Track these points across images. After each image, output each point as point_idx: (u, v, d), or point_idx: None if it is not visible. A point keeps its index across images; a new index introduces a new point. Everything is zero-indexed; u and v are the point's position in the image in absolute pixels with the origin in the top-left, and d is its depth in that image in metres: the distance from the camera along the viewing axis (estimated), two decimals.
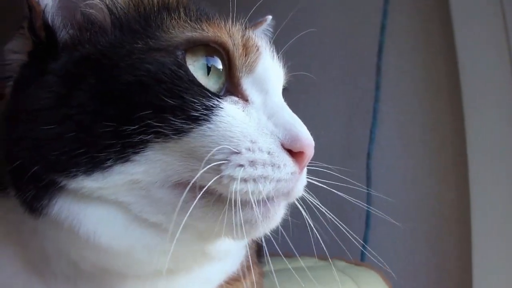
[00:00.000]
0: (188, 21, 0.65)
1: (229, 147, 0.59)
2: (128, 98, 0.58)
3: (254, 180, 0.59)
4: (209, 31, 0.64)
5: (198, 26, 0.64)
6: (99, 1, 0.65)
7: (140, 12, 0.66)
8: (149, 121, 0.57)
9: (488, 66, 1.43)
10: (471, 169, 1.43)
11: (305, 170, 0.69)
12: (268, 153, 0.61)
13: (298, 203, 0.72)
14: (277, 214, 0.65)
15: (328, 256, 1.31)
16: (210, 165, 0.57)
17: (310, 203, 0.76)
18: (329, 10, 1.81)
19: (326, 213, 0.79)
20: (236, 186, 0.58)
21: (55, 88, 0.60)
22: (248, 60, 0.67)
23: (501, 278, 1.37)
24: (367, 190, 1.61)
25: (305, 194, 0.73)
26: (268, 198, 0.61)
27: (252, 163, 0.59)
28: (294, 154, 0.63)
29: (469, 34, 1.47)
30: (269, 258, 0.73)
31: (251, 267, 0.85)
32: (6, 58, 0.67)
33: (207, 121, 0.59)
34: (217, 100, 0.61)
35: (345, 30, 1.78)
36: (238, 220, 0.59)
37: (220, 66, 0.64)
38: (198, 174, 0.57)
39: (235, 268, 0.82)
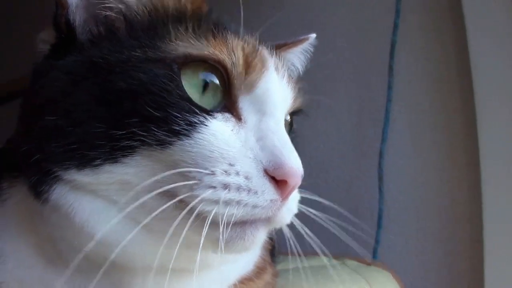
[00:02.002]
0: (193, 36, 0.66)
1: (205, 166, 0.60)
2: (119, 104, 0.61)
3: (226, 202, 0.59)
4: (209, 48, 0.64)
5: (201, 41, 0.65)
6: (116, 5, 0.68)
7: (152, 19, 0.68)
8: (134, 129, 0.59)
9: (501, 65, 1.42)
10: (483, 168, 1.43)
11: (294, 197, 0.68)
12: (246, 177, 0.61)
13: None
14: (255, 237, 0.64)
15: (340, 256, 1.33)
16: (184, 182, 0.59)
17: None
18: (342, 10, 1.81)
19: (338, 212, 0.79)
20: (205, 207, 0.59)
21: (61, 83, 0.64)
22: (248, 79, 0.67)
23: None
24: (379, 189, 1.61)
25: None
26: (244, 221, 0.62)
27: (225, 186, 0.59)
28: (278, 181, 0.62)
29: (481, 33, 1.46)
30: (290, 256, 0.74)
31: (265, 268, 0.86)
32: (39, 47, 0.72)
33: (188, 136, 0.60)
34: (204, 117, 0.62)
35: (357, 30, 1.77)
36: (212, 237, 0.60)
37: (217, 82, 0.65)
38: (172, 185, 0.59)
39: (248, 268, 0.83)
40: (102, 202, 0.63)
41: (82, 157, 0.61)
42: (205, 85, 0.64)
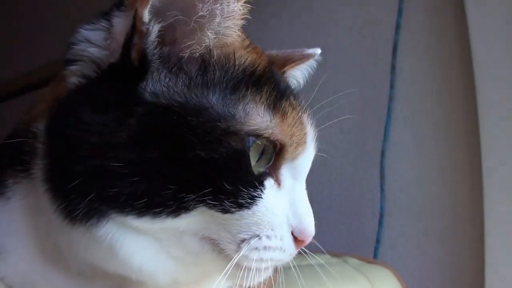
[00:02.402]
0: (265, 108, 0.68)
1: (254, 232, 0.67)
2: (195, 172, 0.63)
3: (262, 259, 0.69)
4: (278, 128, 0.68)
5: (271, 118, 0.68)
6: (198, 47, 0.66)
7: (228, 74, 0.68)
8: (205, 198, 0.63)
9: (504, 65, 1.42)
10: (484, 168, 1.43)
11: None
12: (281, 239, 0.70)
13: None
14: (267, 274, 0.74)
15: (342, 254, 1.33)
16: (234, 240, 0.67)
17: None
18: (344, 9, 1.81)
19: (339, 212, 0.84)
20: (245, 262, 0.68)
21: (133, 132, 0.62)
22: (295, 153, 0.72)
23: None
24: (381, 187, 1.61)
25: None
26: None
27: (267, 248, 0.68)
28: (296, 239, 0.72)
29: (484, 33, 1.46)
30: None
31: None
32: (76, 40, 0.67)
33: (248, 208, 0.66)
34: (261, 190, 0.67)
35: (360, 29, 1.77)
36: (238, 275, 0.69)
37: (272, 151, 0.69)
38: (219, 237, 0.68)
39: None
40: (145, 239, 0.67)
41: (144, 208, 0.62)
42: (263, 150, 0.68)
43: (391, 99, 1.64)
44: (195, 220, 0.65)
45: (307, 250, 0.78)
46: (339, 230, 1.74)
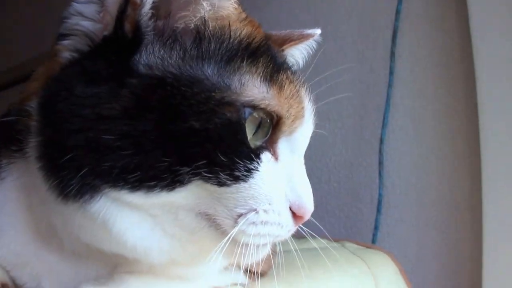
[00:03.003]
0: (262, 80, 0.67)
1: (251, 206, 0.66)
2: (190, 144, 0.62)
3: (260, 234, 0.68)
4: (275, 100, 0.67)
5: (268, 89, 0.67)
6: (193, 18, 0.66)
7: (223, 46, 0.68)
8: (200, 170, 0.62)
9: (504, 52, 1.41)
10: (483, 155, 1.42)
11: None
12: (278, 214, 0.69)
13: None
14: (265, 252, 0.74)
15: (339, 239, 1.33)
16: (228, 214, 0.66)
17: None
18: None
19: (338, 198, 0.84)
20: (242, 237, 0.67)
21: (127, 104, 0.61)
22: (292, 126, 0.71)
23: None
24: (379, 174, 1.62)
25: None
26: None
27: (264, 222, 0.68)
28: (295, 215, 0.71)
29: (484, 20, 1.46)
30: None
31: None
32: (69, 14, 0.67)
33: (244, 181, 0.65)
34: (257, 163, 0.66)
35: (359, 15, 1.77)
36: (235, 251, 0.68)
37: (269, 122, 0.68)
38: (216, 212, 0.67)
39: None
40: (140, 215, 0.66)
41: (138, 182, 0.62)
42: (259, 122, 0.67)
43: (390, 85, 1.63)
44: (191, 195, 0.64)
45: (305, 229, 0.78)
46: (337, 217, 1.74)
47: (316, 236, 0.87)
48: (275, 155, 0.70)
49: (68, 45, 0.67)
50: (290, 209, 0.71)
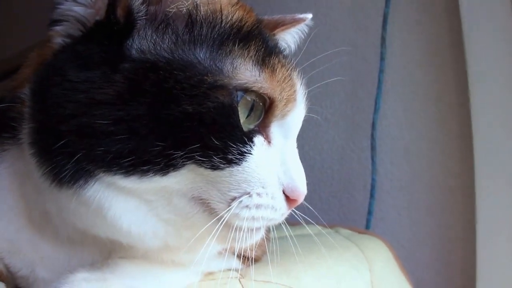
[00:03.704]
0: (254, 63, 0.67)
1: (244, 189, 0.67)
2: (183, 127, 0.62)
3: (253, 218, 0.68)
4: (267, 83, 0.67)
5: (260, 72, 0.67)
6: (185, 2, 0.66)
7: (215, 30, 0.67)
8: (194, 154, 0.62)
9: (494, 36, 1.42)
10: (475, 140, 1.43)
11: None
12: (272, 197, 0.69)
13: None
14: (259, 235, 0.74)
15: (333, 225, 1.34)
16: (224, 199, 0.66)
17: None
18: None
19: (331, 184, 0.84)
20: (236, 220, 0.67)
21: (120, 89, 0.62)
22: (284, 109, 0.71)
23: (505, 248, 1.38)
24: (372, 160, 1.62)
25: None
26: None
27: (257, 206, 0.68)
28: (288, 198, 0.71)
29: (474, 4, 1.46)
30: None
31: None
32: (62, 0, 0.67)
33: (237, 164, 0.65)
34: (250, 146, 0.66)
35: (350, 1, 1.77)
36: (229, 236, 0.68)
37: (262, 105, 0.68)
38: (209, 197, 0.67)
39: None
40: (134, 201, 0.66)
41: (131, 167, 0.62)
42: (252, 105, 0.67)
43: (382, 71, 1.64)
44: (184, 179, 0.64)
45: (299, 213, 0.78)
46: (330, 203, 1.75)
47: (311, 221, 0.88)
48: (268, 138, 0.70)
49: (61, 31, 0.67)
50: (284, 192, 0.71)
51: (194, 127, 0.62)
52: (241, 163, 0.66)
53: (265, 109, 0.69)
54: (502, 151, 1.38)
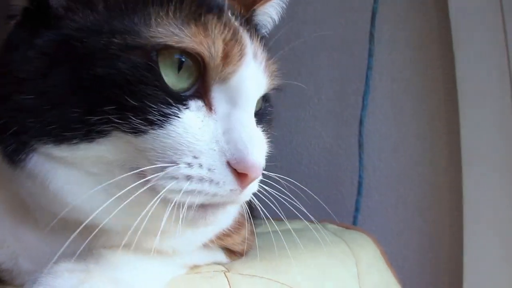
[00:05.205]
0: (174, 21, 0.65)
1: (170, 158, 0.63)
2: (96, 91, 0.61)
3: (188, 192, 0.63)
4: (189, 38, 0.64)
5: (181, 29, 0.64)
6: None
7: None
8: (109, 116, 0.61)
9: (482, 33, 1.42)
10: (463, 136, 1.44)
11: (254, 181, 0.70)
12: (209, 169, 0.64)
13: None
14: (216, 216, 0.68)
15: (320, 221, 1.33)
16: (151, 167, 0.62)
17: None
18: None
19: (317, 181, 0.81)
20: (169, 195, 0.63)
21: (37, 63, 0.63)
22: (224, 71, 0.67)
23: (492, 244, 1.38)
24: (359, 156, 1.62)
25: None
26: (206, 204, 0.66)
27: (188, 177, 0.63)
28: (239, 173, 0.65)
29: (463, 1, 1.46)
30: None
31: (243, 223, 0.86)
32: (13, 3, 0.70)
33: (161, 127, 0.62)
34: (178, 108, 0.63)
35: None
36: (175, 216, 0.64)
37: (191, 63, 0.65)
38: (142, 168, 0.63)
39: (228, 224, 0.83)
40: (77, 173, 0.65)
41: (58, 135, 0.62)
42: (180, 64, 0.64)
43: (370, 68, 1.64)
44: (114, 148, 0.63)
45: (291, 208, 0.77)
46: (317, 200, 1.74)
47: (300, 216, 0.87)
48: (209, 105, 0.67)
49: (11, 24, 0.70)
50: (230, 165, 0.65)
51: (107, 89, 0.61)
52: (165, 125, 0.62)
53: (200, 69, 0.66)
54: (490, 148, 1.39)
